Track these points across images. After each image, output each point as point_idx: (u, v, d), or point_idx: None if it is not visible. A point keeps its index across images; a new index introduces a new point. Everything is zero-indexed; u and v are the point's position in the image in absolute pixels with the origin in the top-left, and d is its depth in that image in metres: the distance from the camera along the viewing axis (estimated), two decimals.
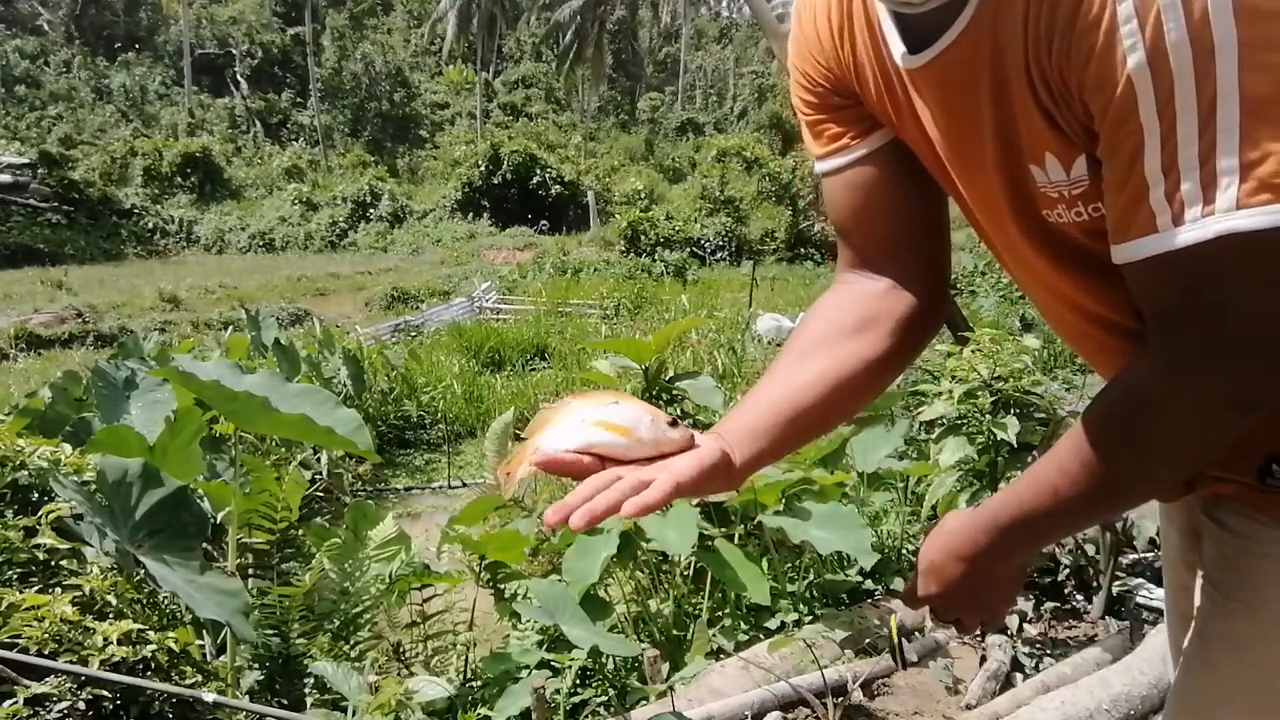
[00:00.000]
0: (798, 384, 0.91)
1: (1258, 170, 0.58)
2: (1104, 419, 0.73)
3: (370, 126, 44.25)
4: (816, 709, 2.50)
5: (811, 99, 0.93)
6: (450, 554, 4.52)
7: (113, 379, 3.73)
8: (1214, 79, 0.58)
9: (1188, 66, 0.59)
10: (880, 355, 0.93)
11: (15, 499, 2.34)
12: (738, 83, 49.59)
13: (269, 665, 2.74)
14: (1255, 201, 0.58)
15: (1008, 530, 0.82)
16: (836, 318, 0.96)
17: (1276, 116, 0.58)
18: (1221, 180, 0.59)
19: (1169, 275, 0.65)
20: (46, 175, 29.60)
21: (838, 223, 0.98)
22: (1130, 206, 0.65)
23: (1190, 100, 0.59)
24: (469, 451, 8.29)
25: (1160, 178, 0.62)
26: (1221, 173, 0.59)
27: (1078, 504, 0.76)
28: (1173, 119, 0.60)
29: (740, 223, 25.57)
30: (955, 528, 0.87)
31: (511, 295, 17.33)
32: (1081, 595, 3.26)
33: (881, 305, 0.94)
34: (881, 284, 0.95)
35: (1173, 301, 0.66)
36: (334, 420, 2.70)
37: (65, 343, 14.24)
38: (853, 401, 0.95)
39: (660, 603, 3.18)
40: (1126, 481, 0.75)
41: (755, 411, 0.90)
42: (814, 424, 0.92)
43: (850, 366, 0.92)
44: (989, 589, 0.88)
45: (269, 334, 7.81)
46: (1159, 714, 2.45)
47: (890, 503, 3.76)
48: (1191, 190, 0.61)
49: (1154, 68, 0.60)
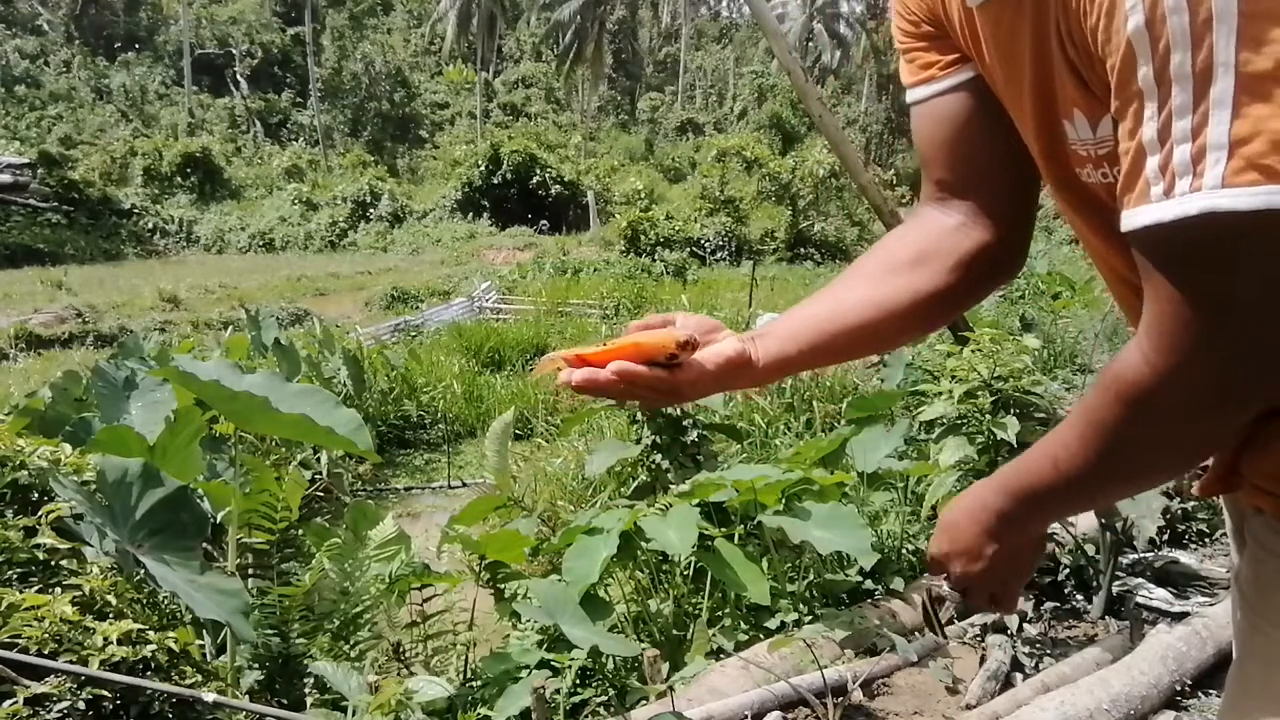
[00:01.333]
0: (843, 303, 0.93)
1: (1246, 148, 0.56)
2: (1097, 396, 0.72)
3: (370, 126, 44.25)
4: (816, 709, 2.50)
5: (906, 25, 0.94)
6: (450, 554, 4.53)
7: (113, 379, 3.73)
8: (1211, 49, 0.56)
9: (1184, 34, 0.57)
10: (934, 290, 0.94)
11: (15, 499, 2.34)
12: (738, 83, 49.59)
13: (269, 665, 2.74)
14: (1240, 180, 0.56)
15: (1014, 495, 0.82)
16: (897, 248, 0.97)
17: (1273, 93, 0.56)
18: (1211, 155, 0.57)
19: (1156, 248, 0.63)
20: (46, 175, 29.58)
21: (920, 152, 0.99)
22: (1131, 172, 0.63)
23: (1186, 69, 0.58)
24: (469, 451, 8.29)
25: (1157, 145, 0.60)
26: (1211, 147, 0.57)
27: (1075, 479, 0.76)
28: (1169, 87, 0.59)
29: (740, 223, 25.57)
30: (973, 489, 0.88)
31: (511, 295, 17.33)
32: (1081, 595, 3.26)
33: (946, 241, 0.95)
34: (953, 219, 0.96)
35: (1158, 276, 0.64)
36: (334, 420, 2.70)
37: (65, 343, 14.24)
38: (898, 331, 0.97)
39: (660, 603, 3.18)
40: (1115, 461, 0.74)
41: (793, 321, 0.93)
42: (851, 344, 0.94)
43: (899, 296, 0.93)
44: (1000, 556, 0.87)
45: (269, 334, 7.81)
46: (1159, 714, 2.46)
47: (890, 503, 3.76)
48: (1183, 162, 0.59)
49: (1152, 32, 0.58)
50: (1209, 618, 2.73)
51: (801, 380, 6.78)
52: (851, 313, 0.93)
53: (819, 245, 25.86)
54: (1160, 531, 3.55)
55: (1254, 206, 0.56)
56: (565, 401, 8.39)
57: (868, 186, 6.11)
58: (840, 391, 6.66)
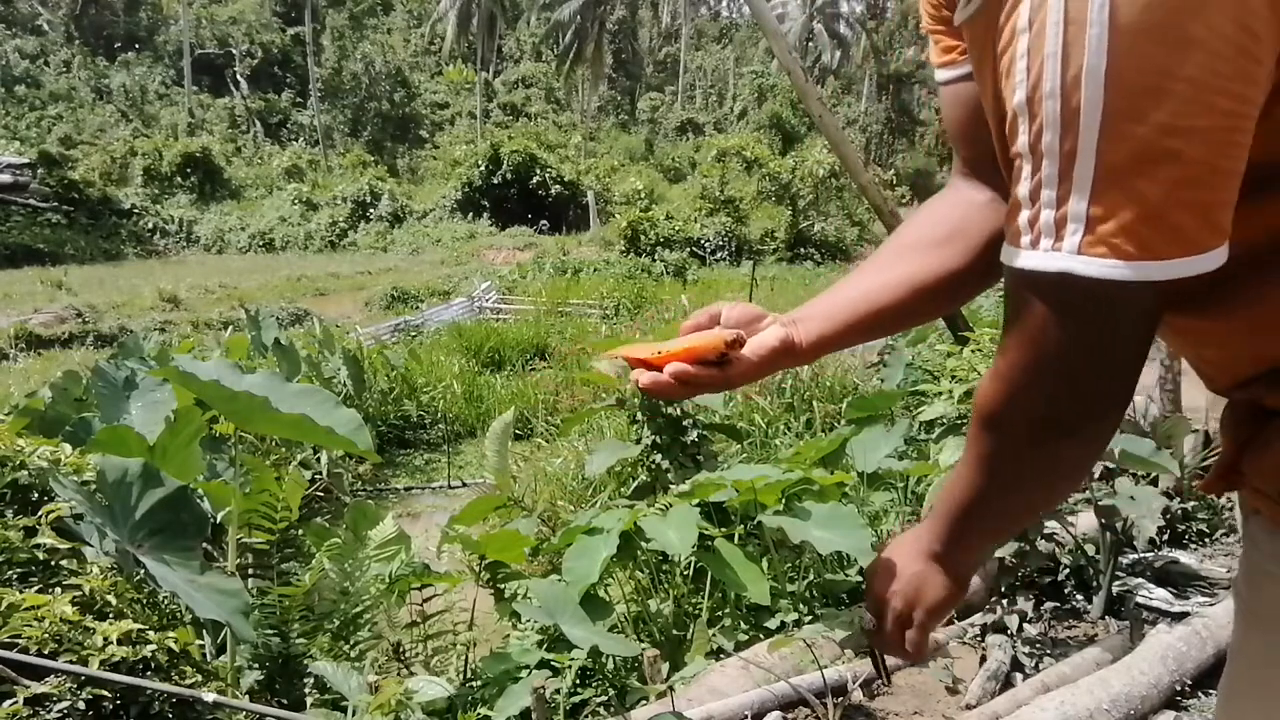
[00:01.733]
0: (879, 282, 0.98)
1: (1100, 226, 0.62)
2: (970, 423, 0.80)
3: (370, 126, 44.24)
4: (816, 709, 2.50)
5: (931, 9, 0.97)
6: (450, 554, 4.53)
7: (113, 379, 3.73)
8: (1077, 136, 0.62)
9: (1055, 119, 0.62)
10: (964, 267, 0.98)
11: (15, 499, 2.34)
12: (738, 83, 49.57)
13: (269, 665, 2.74)
14: (1093, 252, 0.63)
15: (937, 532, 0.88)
16: (931, 224, 1.01)
17: (1125, 183, 0.61)
18: (1070, 225, 0.64)
19: (1019, 286, 0.70)
20: (46, 175, 29.57)
21: (948, 131, 1.03)
22: (1010, 217, 0.69)
23: (1055, 148, 0.63)
24: (469, 451, 8.30)
25: (1030, 202, 0.66)
26: (1071, 218, 0.64)
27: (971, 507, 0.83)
28: (1040, 158, 0.65)
29: (740, 223, 25.57)
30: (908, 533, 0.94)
31: (511, 295, 17.33)
32: (1081, 595, 3.26)
33: (977, 216, 0.98)
34: (984, 194, 0.98)
35: (1015, 314, 0.71)
36: (334, 420, 2.70)
37: (65, 343, 14.24)
38: (931, 307, 1.03)
39: (660, 603, 3.18)
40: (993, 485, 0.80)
41: (834, 300, 0.99)
42: (887, 322, 1.00)
43: (933, 274, 0.98)
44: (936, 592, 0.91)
45: (269, 334, 7.81)
46: (1159, 714, 2.46)
47: (890, 503, 3.77)
48: (1048, 224, 0.65)
49: (1030, 109, 0.64)
50: (1209, 618, 2.73)
51: (801, 380, 6.78)
52: (886, 290, 0.98)
53: (819, 245, 25.86)
54: (1160, 531, 3.56)
55: (1099, 275, 0.63)
56: (565, 401, 8.39)
57: (868, 186, 6.11)
58: (840, 391, 6.66)
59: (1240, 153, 0.62)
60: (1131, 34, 0.59)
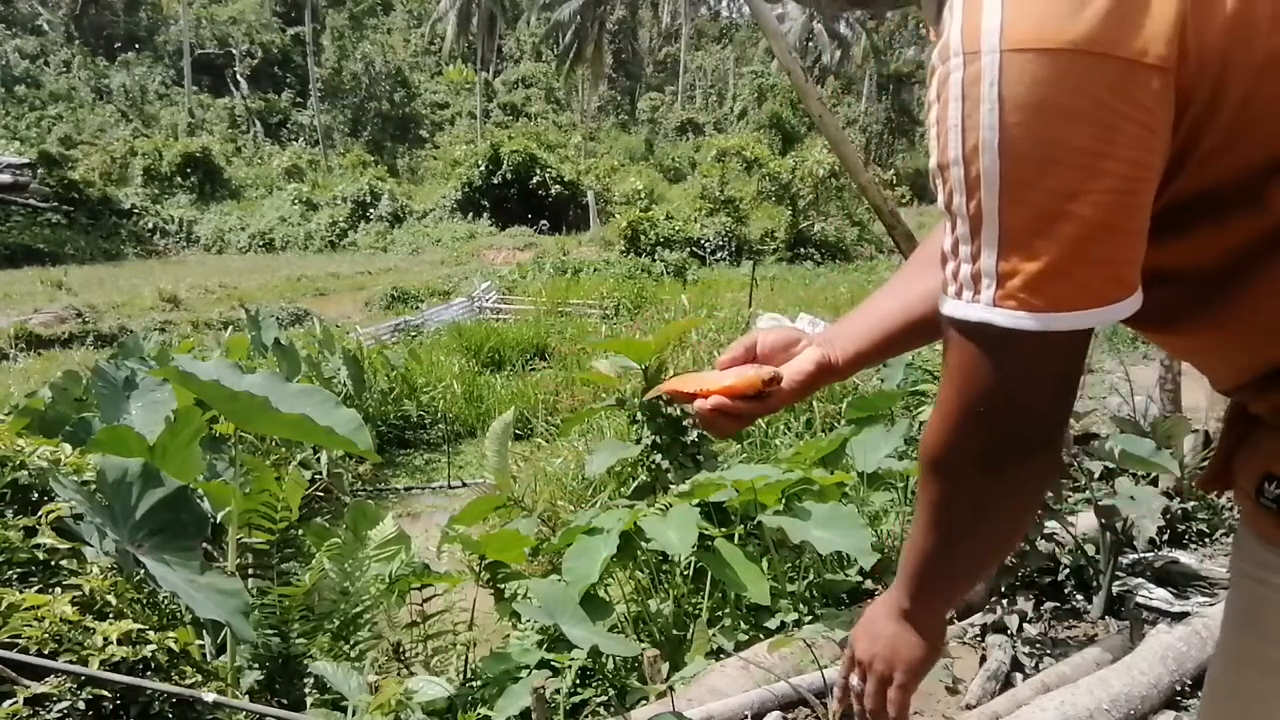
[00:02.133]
0: (909, 297, 1.02)
1: (1009, 282, 0.67)
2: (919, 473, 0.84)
3: (370, 126, 44.23)
4: (816, 709, 2.50)
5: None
6: (450, 554, 4.53)
7: (113, 379, 3.73)
8: (980, 201, 0.66)
9: (961, 184, 0.67)
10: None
11: (15, 499, 2.34)
12: (738, 83, 49.56)
13: (269, 665, 2.74)
14: (1005, 304, 0.68)
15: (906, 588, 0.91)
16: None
17: (1025, 243, 0.66)
18: (984, 279, 0.69)
19: (951, 332, 0.74)
20: (46, 175, 29.56)
21: None
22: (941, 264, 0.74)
23: (963, 210, 0.68)
24: (469, 451, 8.29)
25: (952, 255, 0.71)
26: (984, 273, 0.68)
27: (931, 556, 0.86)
28: (955, 219, 0.70)
29: (740, 223, 25.56)
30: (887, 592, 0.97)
31: (511, 295, 17.32)
32: (1081, 595, 3.26)
33: None
34: None
35: (950, 357, 0.75)
36: (334, 420, 2.70)
37: (65, 343, 14.23)
38: None
39: (660, 603, 3.18)
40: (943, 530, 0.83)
41: (867, 318, 1.04)
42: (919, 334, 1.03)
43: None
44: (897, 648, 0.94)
45: (269, 334, 7.81)
46: (1159, 714, 2.46)
47: (890, 503, 3.76)
48: (966, 278, 0.70)
49: (941, 175, 0.69)
50: (1209, 618, 2.73)
51: None
52: (917, 303, 1.00)
53: (819, 245, 25.85)
54: (1160, 531, 3.55)
55: (1011, 325, 0.68)
56: (565, 401, 8.39)
57: (868, 186, 6.11)
58: (840, 391, 6.66)
59: (1138, 214, 0.66)
60: (1019, 110, 0.63)
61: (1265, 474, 0.78)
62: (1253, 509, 0.80)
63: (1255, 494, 0.79)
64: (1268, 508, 0.78)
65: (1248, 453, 0.81)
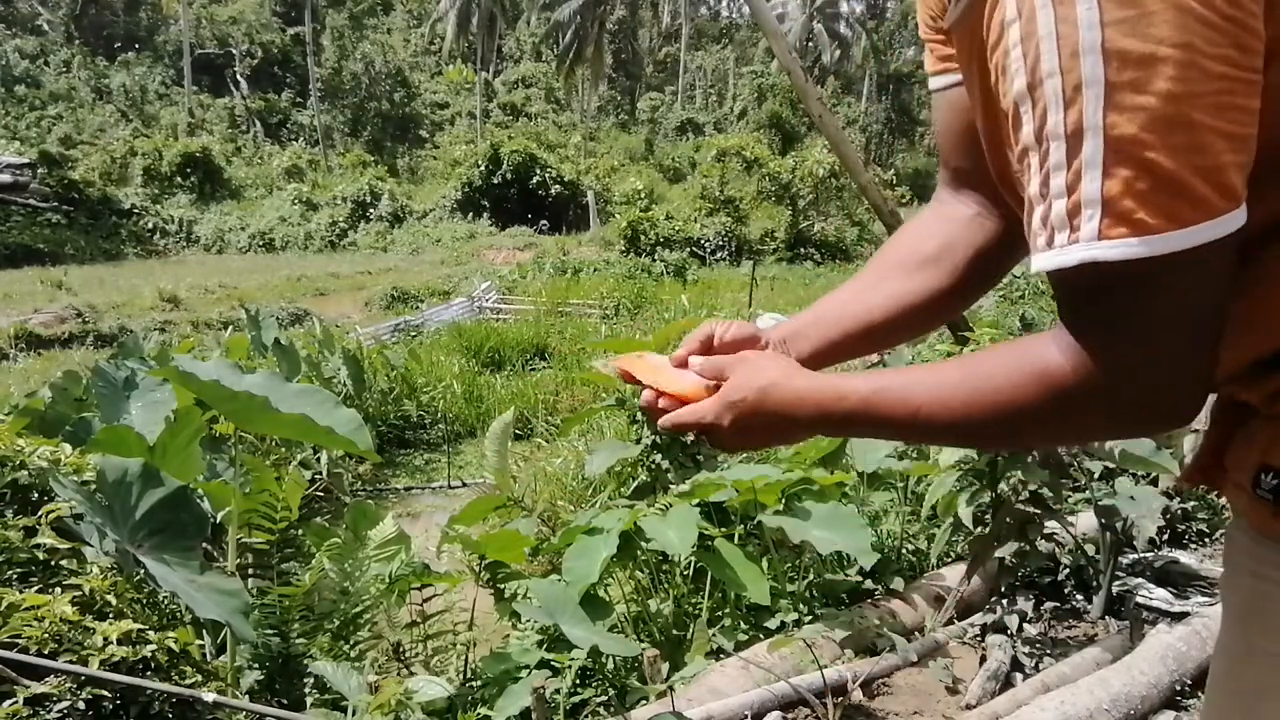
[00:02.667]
0: (868, 303, 1.00)
1: (1117, 205, 0.62)
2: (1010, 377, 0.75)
3: (370, 126, 44.23)
4: (816, 709, 2.50)
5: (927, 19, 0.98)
6: (450, 554, 4.53)
7: (113, 379, 3.73)
8: (1081, 112, 0.61)
9: (1058, 97, 0.62)
10: (950, 287, 1.00)
11: (15, 499, 2.34)
12: (738, 83, 49.55)
13: (269, 665, 2.74)
14: (1113, 234, 0.62)
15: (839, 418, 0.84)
16: (918, 241, 1.02)
17: (1136, 155, 0.61)
18: (1085, 211, 0.63)
19: (1057, 290, 0.70)
20: (46, 175, 29.55)
21: (939, 139, 1.04)
22: (1027, 221, 0.69)
23: (1060, 129, 0.63)
24: (469, 451, 8.29)
25: (1039, 199, 0.66)
26: (1085, 203, 0.63)
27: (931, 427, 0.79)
28: (1047, 144, 0.64)
29: (740, 223, 25.57)
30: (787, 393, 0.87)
31: (511, 295, 17.32)
32: (1081, 595, 3.26)
33: (964, 233, 1.00)
34: (969, 209, 1.00)
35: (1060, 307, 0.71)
36: (334, 420, 2.70)
37: (65, 343, 14.23)
38: (918, 325, 1.04)
39: (660, 603, 3.18)
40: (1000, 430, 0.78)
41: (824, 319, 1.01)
42: (878, 338, 1.02)
43: (920, 293, 1.00)
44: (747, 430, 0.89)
45: (269, 334, 7.80)
46: (1159, 714, 2.46)
47: (890, 503, 3.76)
48: (1060, 216, 0.65)
49: (1031, 95, 0.64)
50: (1209, 618, 2.73)
51: None
52: (875, 309, 0.99)
53: (819, 245, 25.87)
54: (1160, 531, 3.56)
55: (1124, 257, 0.63)
56: (565, 401, 8.39)
57: (868, 186, 6.11)
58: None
59: (1244, 117, 0.62)
60: (1121, 6, 0.60)
61: (1261, 465, 0.77)
62: (1248, 502, 0.79)
63: (1251, 486, 0.78)
64: (1264, 499, 0.76)
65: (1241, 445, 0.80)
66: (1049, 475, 2.76)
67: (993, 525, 2.87)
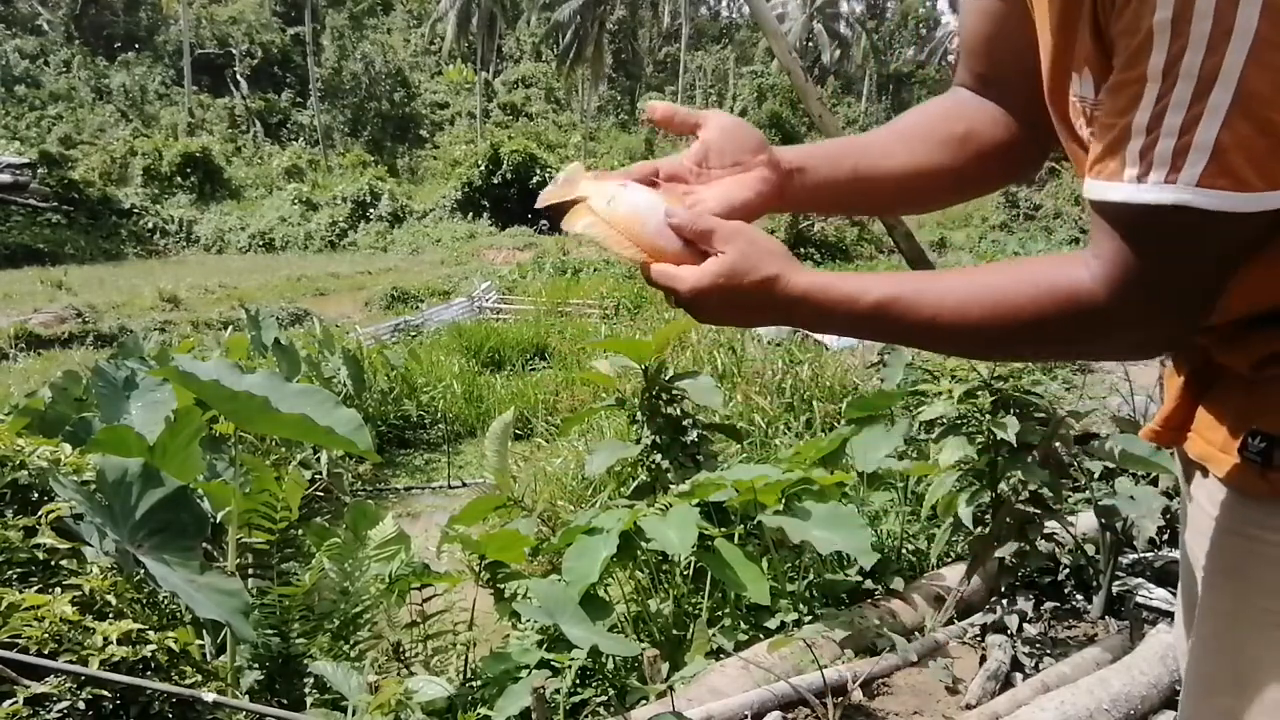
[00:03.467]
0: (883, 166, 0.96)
1: (1228, 157, 0.62)
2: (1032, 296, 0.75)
3: (370, 126, 44.23)
4: (816, 709, 2.50)
5: None
6: (450, 554, 4.52)
7: (113, 379, 3.73)
8: (1222, 59, 0.61)
9: (1203, 39, 0.61)
10: (963, 171, 0.98)
11: (15, 499, 2.33)
12: (738, 83, 49.54)
13: (269, 665, 2.74)
14: (1216, 184, 0.63)
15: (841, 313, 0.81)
16: (946, 122, 1.00)
17: (1260, 113, 0.61)
18: (1193, 154, 0.63)
19: (1120, 219, 0.70)
20: (46, 175, 29.55)
21: (965, 42, 1.02)
22: (1110, 149, 0.68)
23: (1194, 70, 0.62)
24: (469, 451, 8.29)
25: (1143, 132, 0.65)
26: (1195, 147, 0.63)
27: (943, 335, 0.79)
28: (1174, 81, 0.63)
29: None
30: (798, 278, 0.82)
31: (511, 295, 17.33)
32: (1081, 595, 3.26)
33: (988, 129, 0.98)
34: (992, 111, 0.99)
35: (1122, 244, 0.70)
36: (334, 420, 2.70)
37: (65, 343, 14.25)
38: (920, 199, 1.04)
39: (660, 603, 3.18)
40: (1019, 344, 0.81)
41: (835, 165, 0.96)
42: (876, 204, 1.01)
43: (938, 167, 0.98)
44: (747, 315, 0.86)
45: (269, 334, 7.80)
46: (1159, 714, 2.46)
47: (890, 503, 3.76)
48: (1164, 154, 0.64)
49: (1175, 28, 0.62)
50: None
51: (801, 380, 6.78)
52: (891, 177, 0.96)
53: (819, 245, 25.84)
54: (1160, 531, 3.55)
55: (1220, 208, 0.63)
56: (565, 401, 8.39)
57: None
58: (840, 391, 6.66)
59: None
60: None
61: (1249, 429, 0.78)
62: (1234, 465, 0.80)
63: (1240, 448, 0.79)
64: (1252, 460, 0.78)
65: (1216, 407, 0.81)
66: (1049, 475, 2.76)
67: (993, 525, 2.87)
